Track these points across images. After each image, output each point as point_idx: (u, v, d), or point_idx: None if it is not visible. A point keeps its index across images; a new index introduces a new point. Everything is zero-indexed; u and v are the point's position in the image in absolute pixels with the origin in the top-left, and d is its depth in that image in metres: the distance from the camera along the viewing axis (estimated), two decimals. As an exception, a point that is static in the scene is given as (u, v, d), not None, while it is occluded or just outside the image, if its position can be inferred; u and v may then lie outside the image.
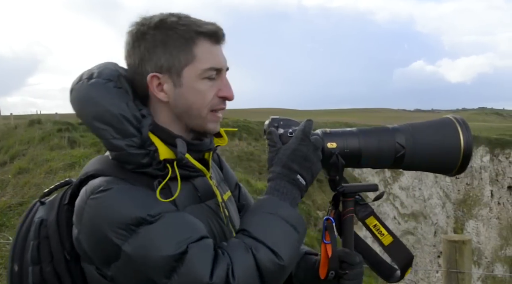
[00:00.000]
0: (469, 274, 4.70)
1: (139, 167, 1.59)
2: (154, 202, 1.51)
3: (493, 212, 37.59)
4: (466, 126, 1.67)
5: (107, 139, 1.59)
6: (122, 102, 1.60)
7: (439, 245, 29.31)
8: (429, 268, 30.05)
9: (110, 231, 1.47)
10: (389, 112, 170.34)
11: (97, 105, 1.59)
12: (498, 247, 36.86)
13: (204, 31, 1.64)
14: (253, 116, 40.60)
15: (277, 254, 1.48)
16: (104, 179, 1.57)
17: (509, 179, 38.31)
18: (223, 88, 1.69)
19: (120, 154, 1.59)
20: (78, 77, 1.68)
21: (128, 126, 1.58)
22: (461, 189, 36.76)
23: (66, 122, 17.58)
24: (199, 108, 1.66)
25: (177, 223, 1.49)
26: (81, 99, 1.64)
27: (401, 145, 1.65)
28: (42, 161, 11.77)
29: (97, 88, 1.61)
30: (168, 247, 1.43)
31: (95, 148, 13.46)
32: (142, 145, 1.58)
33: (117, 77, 1.66)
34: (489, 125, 69.54)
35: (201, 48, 1.64)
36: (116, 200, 1.51)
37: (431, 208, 33.82)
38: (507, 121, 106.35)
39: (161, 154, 1.60)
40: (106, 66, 1.70)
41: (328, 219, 1.68)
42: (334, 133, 1.66)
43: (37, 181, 10.06)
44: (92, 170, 1.65)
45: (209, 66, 1.64)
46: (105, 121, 1.58)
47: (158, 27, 1.64)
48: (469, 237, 4.91)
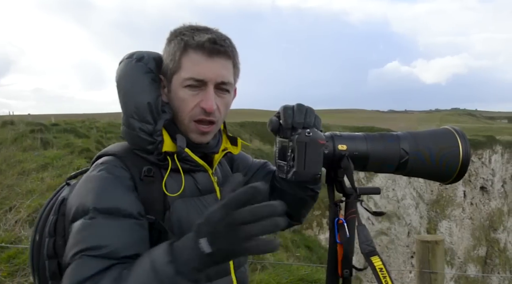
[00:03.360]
0: (442, 274, 4.75)
1: (143, 152, 1.77)
2: (113, 200, 1.65)
3: (466, 212, 37.99)
4: (464, 137, 1.74)
5: (128, 115, 1.79)
6: (154, 94, 1.79)
7: (412, 246, 29.54)
8: (403, 269, 30.27)
9: (75, 211, 1.65)
10: (363, 113, 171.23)
11: (133, 86, 1.80)
12: (471, 247, 37.25)
13: (193, 43, 1.74)
14: (228, 116, 40.50)
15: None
16: (103, 160, 1.78)
17: (481, 179, 38.76)
18: (204, 100, 1.75)
19: (131, 133, 1.78)
20: (130, 54, 1.88)
21: (148, 114, 1.76)
22: (434, 190, 37.08)
23: (39, 123, 17.41)
24: (182, 115, 1.80)
25: (91, 230, 1.60)
26: (124, 73, 1.83)
27: (405, 151, 1.70)
28: (14, 162, 11.64)
29: (139, 72, 1.81)
30: (69, 250, 1.57)
31: (69, 149, 13.35)
32: (152, 133, 1.75)
33: (157, 71, 1.84)
34: (462, 126, 70.27)
35: (188, 59, 1.75)
36: (90, 184, 1.70)
37: (404, 208, 34.06)
38: (479, 122, 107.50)
39: (165, 146, 1.76)
40: (154, 57, 1.87)
41: (339, 220, 1.69)
42: (344, 136, 1.69)
43: (9, 182, 9.94)
44: (103, 151, 1.85)
45: (189, 76, 1.75)
46: (132, 101, 1.78)
47: (172, 35, 1.83)
48: (442, 237, 4.96)
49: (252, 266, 7.03)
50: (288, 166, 1.65)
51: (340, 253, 1.67)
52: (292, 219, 2.12)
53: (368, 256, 1.59)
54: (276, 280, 6.55)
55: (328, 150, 1.64)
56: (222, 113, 1.84)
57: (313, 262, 12.64)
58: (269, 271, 6.92)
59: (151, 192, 1.74)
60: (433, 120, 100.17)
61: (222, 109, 1.83)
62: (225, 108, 1.85)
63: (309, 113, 1.69)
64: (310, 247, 14.86)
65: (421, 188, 36.34)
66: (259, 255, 1.65)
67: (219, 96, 1.80)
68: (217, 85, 1.77)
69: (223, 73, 1.77)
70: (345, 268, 1.67)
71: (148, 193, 1.73)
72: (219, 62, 1.77)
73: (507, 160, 41.17)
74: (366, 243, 1.60)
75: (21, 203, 8.04)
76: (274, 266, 7.27)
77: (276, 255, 8.81)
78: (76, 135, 16.40)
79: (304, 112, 1.68)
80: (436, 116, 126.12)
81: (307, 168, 1.58)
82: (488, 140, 40.40)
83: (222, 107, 1.82)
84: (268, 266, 7.26)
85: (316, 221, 20.89)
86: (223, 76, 1.77)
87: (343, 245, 1.66)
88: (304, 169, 1.58)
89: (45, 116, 34.07)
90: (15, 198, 8.50)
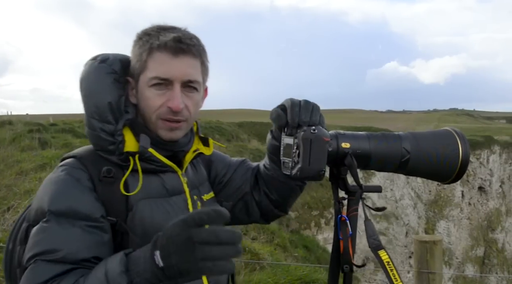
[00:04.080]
0: (440, 275, 4.75)
1: (105, 152, 1.77)
2: (70, 202, 1.66)
3: (464, 212, 38.00)
4: (464, 138, 1.77)
5: (88, 115, 1.79)
6: (115, 93, 1.79)
7: (410, 246, 29.53)
8: (401, 269, 30.23)
9: (34, 215, 1.69)
10: (361, 113, 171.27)
11: (93, 86, 1.80)
12: (469, 247, 37.26)
13: (158, 43, 1.75)
14: (225, 117, 40.55)
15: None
16: (63, 162, 1.80)
17: (479, 179, 38.77)
18: (170, 99, 1.76)
19: (92, 133, 1.78)
20: (95, 56, 1.87)
21: (109, 114, 1.76)
22: (432, 190, 37.08)
23: (37, 123, 17.40)
24: (148, 114, 1.80)
25: (46, 234, 1.60)
26: (86, 74, 1.83)
27: (407, 150, 1.72)
28: (12, 162, 11.64)
29: (101, 73, 1.80)
30: (26, 254, 1.60)
31: (67, 149, 13.32)
32: (113, 134, 1.75)
33: (122, 72, 1.84)
34: (460, 126, 70.27)
35: (154, 58, 1.76)
36: (47, 187, 1.72)
37: (402, 208, 34.05)
38: (477, 122, 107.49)
39: (127, 146, 1.76)
40: (120, 58, 1.87)
41: (342, 217, 1.71)
42: (348, 134, 1.72)
43: (7, 183, 9.93)
44: (67, 154, 1.86)
45: (154, 75, 1.76)
46: (94, 101, 1.78)
47: (138, 36, 1.82)
48: (440, 237, 4.96)
49: (251, 266, 7.03)
50: (293, 163, 1.68)
51: (341, 249, 1.70)
52: (279, 209, 2.11)
53: (376, 250, 1.62)
54: (274, 280, 6.55)
55: (332, 147, 1.66)
56: (191, 112, 1.82)
57: (311, 262, 12.64)
58: (267, 271, 6.93)
59: (112, 193, 1.73)
60: (431, 120, 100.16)
61: (191, 108, 1.82)
62: (194, 107, 1.83)
63: (315, 111, 1.70)
64: (308, 247, 14.86)
65: (419, 188, 36.34)
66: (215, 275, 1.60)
67: (187, 95, 1.80)
68: (184, 84, 1.78)
69: (189, 72, 1.78)
70: (345, 264, 1.69)
71: (109, 194, 1.72)
72: (185, 61, 1.77)
73: (505, 160, 41.20)
74: (373, 238, 1.64)
75: (19, 203, 8.04)
76: (272, 266, 7.28)
77: (274, 255, 8.81)
78: (74, 135, 16.40)
79: (310, 110, 1.69)
80: (434, 116, 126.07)
81: (311, 165, 1.61)
82: (486, 140, 40.43)
83: (191, 106, 1.81)
84: (266, 266, 7.26)
85: (314, 221, 20.87)
86: (189, 74, 1.78)
87: (343, 241, 1.69)
88: (309, 165, 1.61)
89: (43, 116, 34.05)
90: (13, 198, 8.50)
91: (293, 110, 1.67)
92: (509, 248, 39.32)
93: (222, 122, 29.95)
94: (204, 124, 25.56)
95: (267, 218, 2.15)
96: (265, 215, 2.12)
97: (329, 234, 21.56)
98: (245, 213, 2.11)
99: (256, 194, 2.08)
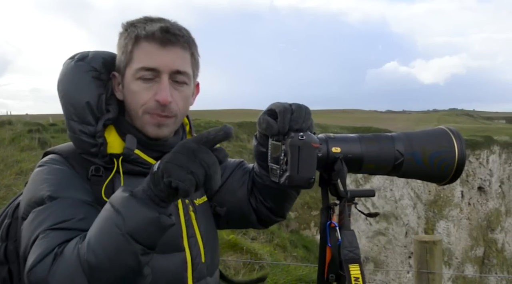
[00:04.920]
0: (440, 275, 4.76)
1: (87, 155, 1.70)
2: (66, 187, 1.62)
3: (464, 212, 37.94)
4: (460, 137, 1.71)
5: (67, 118, 1.73)
6: (94, 92, 1.72)
7: (410, 246, 29.50)
8: (400, 269, 30.25)
9: (26, 206, 1.63)
10: (360, 113, 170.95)
11: (71, 86, 1.72)
12: (469, 247, 37.22)
13: (144, 33, 1.68)
14: (225, 117, 40.53)
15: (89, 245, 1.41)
16: (49, 157, 1.76)
17: (479, 180, 38.70)
18: (158, 92, 1.68)
19: (73, 136, 1.72)
20: (73, 55, 1.81)
21: (88, 114, 1.70)
22: (432, 190, 37.02)
23: (36, 123, 17.40)
24: (135, 109, 1.72)
25: (50, 210, 1.57)
26: (63, 75, 1.76)
27: (400, 152, 1.67)
28: (12, 162, 11.64)
29: (78, 71, 1.73)
30: (29, 237, 1.53)
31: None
32: (94, 135, 1.68)
33: (104, 69, 1.77)
34: (460, 126, 70.16)
35: (140, 49, 1.69)
36: (38, 179, 1.67)
37: (402, 208, 34.00)
38: (477, 122, 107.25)
39: (110, 148, 1.70)
40: (101, 55, 1.80)
41: (331, 223, 1.65)
42: (338, 138, 1.65)
43: (7, 183, 9.94)
44: (51, 149, 1.82)
45: (141, 65, 1.67)
46: (71, 102, 1.71)
47: (123, 27, 1.75)
48: (440, 237, 4.97)
49: (250, 266, 7.03)
50: (281, 170, 1.61)
51: (329, 257, 1.64)
52: (275, 214, 2.02)
53: (347, 262, 1.55)
54: (273, 280, 6.55)
55: (321, 153, 1.60)
56: (180, 107, 1.75)
57: (311, 262, 12.62)
58: (266, 271, 6.92)
59: (100, 192, 1.66)
60: (431, 121, 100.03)
61: (180, 103, 1.75)
62: (183, 102, 1.76)
63: (307, 116, 1.62)
64: (307, 247, 14.83)
65: (419, 189, 36.29)
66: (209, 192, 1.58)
67: (176, 89, 1.72)
68: (172, 76, 1.70)
69: (178, 62, 1.70)
70: (331, 273, 1.64)
71: (97, 193, 1.67)
72: (173, 51, 1.69)
73: (505, 161, 41.13)
74: (349, 249, 1.57)
75: (18, 203, 8.00)
76: (272, 266, 7.27)
77: (273, 255, 8.81)
78: (74, 135, 16.38)
79: (302, 117, 1.60)
80: (434, 117, 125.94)
81: (300, 172, 1.54)
82: (486, 141, 40.35)
83: (180, 101, 1.74)
84: (265, 266, 7.26)
85: (314, 221, 20.85)
86: (178, 65, 1.70)
87: (331, 249, 1.63)
88: (298, 173, 1.54)
89: (43, 116, 33.98)
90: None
91: (285, 117, 1.58)
92: (508, 248, 39.29)
93: (222, 122, 29.90)
94: (203, 124, 25.52)
95: (265, 223, 2.07)
96: (263, 221, 2.04)
97: (329, 234, 21.53)
98: (241, 219, 2.03)
99: (252, 200, 2.00)
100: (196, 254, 1.79)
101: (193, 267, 1.77)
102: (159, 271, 1.68)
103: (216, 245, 1.96)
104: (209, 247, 1.86)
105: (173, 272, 1.73)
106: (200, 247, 1.81)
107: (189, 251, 1.77)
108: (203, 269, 1.82)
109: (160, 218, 1.35)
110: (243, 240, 8.48)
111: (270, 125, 1.60)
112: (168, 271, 1.71)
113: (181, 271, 1.75)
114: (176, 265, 1.74)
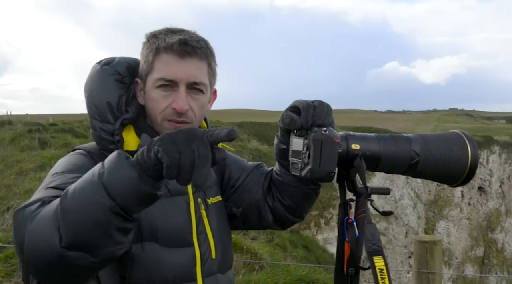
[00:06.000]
0: (440, 275, 4.76)
1: (106, 151, 1.75)
2: (80, 169, 1.67)
3: (464, 212, 38.01)
4: (473, 141, 1.76)
5: (90, 116, 1.84)
6: (115, 93, 1.83)
7: (410, 246, 29.54)
8: (400, 269, 30.26)
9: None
10: (361, 113, 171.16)
11: (95, 87, 1.84)
12: (469, 247, 37.28)
13: (164, 45, 1.78)
14: (225, 117, 40.59)
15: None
16: (73, 151, 1.87)
17: (479, 180, 38.77)
18: (175, 100, 1.79)
19: (94, 133, 1.82)
20: (101, 60, 1.92)
21: (109, 113, 1.81)
22: (432, 190, 37.09)
23: (37, 123, 17.42)
24: (154, 115, 1.85)
25: (59, 177, 1.65)
26: (89, 77, 1.87)
27: (416, 153, 1.72)
28: (12, 162, 11.66)
29: (102, 74, 1.85)
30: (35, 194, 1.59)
31: (66, 149, 13.32)
32: (112, 133, 1.80)
33: (128, 73, 1.89)
34: (460, 126, 70.16)
35: (160, 60, 1.80)
36: (59, 163, 1.78)
37: (402, 208, 34.04)
38: (477, 122, 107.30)
39: (126, 145, 1.81)
40: (126, 60, 1.91)
41: (349, 219, 1.70)
42: (358, 136, 1.71)
43: (7, 182, 9.94)
44: (78, 146, 1.93)
45: (160, 76, 1.79)
46: (94, 102, 1.83)
47: (147, 38, 1.87)
48: (440, 237, 4.97)
49: (250, 266, 7.03)
50: (303, 163, 1.66)
51: (347, 251, 1.69)
52: (294, 215, 2.06)
53: (371, 255, 1.59)
54: (273, 280, 6.54)
55: (342, 149, 1.65)
56: (196, 114, 1.84)
57: (311, 262, 12.64)
58: (266, 271, 6.92)
59: None
60: (430, 121, 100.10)
61: (196, 110, 1.84)
62: (199, 109, 1.85)
63: (329, 112, 1.69)
64: (307, 247, 14.85)
65: (419, 189, 36.34)
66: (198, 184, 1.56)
67: (192, 97, 1.82)
68: (189, 86, 1.80)
69: (195, 74, 1.80)
70: (350, 267, 1.69)
71: None
72: (191, 63, 1.79)
73: (505, 161, 41.21)
74: (372, 242, 1.61)
75: (18, 203, 8.01)
76: (272, 266, 7.27)
77: (273, 255, 8.81)
78: (74, 135, 16.42)
79: (325, 113, 1.67)
80: (433, 116, 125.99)
81: (322, 165, 1.60)
82: (486, 141, 40.41)
83: (196, 108, 1.83)
84: (265, 266, 7.26)
85: (314, 221, 20.88)
86: (195, 76, 1.80)
87: (350, 243, 1.68)
88: (319, 167, 1.60)
89: (43, 116, 34.02)
90: (13, 198, 8.51)
91: (308, 113, 1.65)
92: (508, 248, 39.35)
93: (222, 122, 29.93)
94: (203, 124, 25.54)
95: (282, 224, 2.11)
96: (279, 221, 2.08)
97: (329, 234, 21.57)
98: (258, 219, 2.06)
99: (269, 199, 2.04)
100: (205, 250, 1.84)
101: (202, 263, 1.82)
102: (166, 264, 1.74)
103: (228, 244, 2.00)
104: (220, 245, 1.91)
105: (181, 266, 1.77)
106: (210, 243, 1.87)
107: (198, 246, 1.82)
108: (213, 265, 1.86)
109: (139, 179, 1.34)
110: (243, 240, 8.48)
111: (293, 120, 1.67)
112: (176, 265, 1.76)
113: (190, 266, 1.79)
114: (184, 260, 1.79)
